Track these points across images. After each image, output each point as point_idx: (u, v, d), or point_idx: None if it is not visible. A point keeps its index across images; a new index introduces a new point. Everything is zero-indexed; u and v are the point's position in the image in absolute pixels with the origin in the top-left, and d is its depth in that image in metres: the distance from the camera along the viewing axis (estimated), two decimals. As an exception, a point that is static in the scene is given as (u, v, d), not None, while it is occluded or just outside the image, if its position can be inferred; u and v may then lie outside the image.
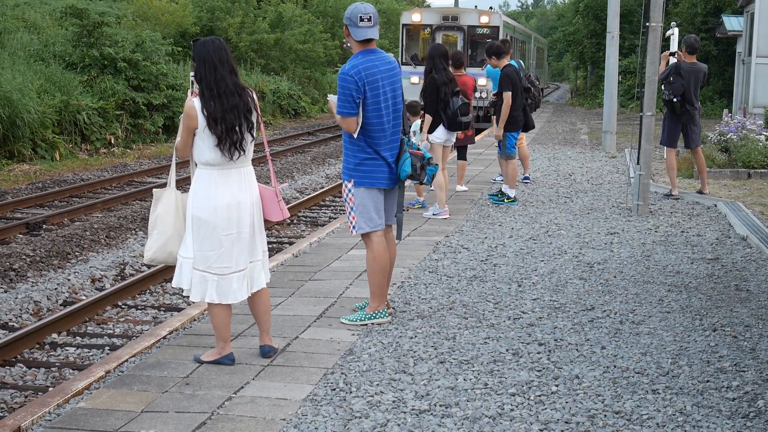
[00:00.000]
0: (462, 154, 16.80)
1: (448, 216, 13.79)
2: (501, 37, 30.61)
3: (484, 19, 32.96)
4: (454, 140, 14.46)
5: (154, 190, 7.28)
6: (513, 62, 16.79)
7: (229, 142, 6.81)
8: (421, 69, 19.99)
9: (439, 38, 32.86)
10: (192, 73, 6.94)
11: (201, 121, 6.78)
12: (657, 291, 9.49)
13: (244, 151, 6.92)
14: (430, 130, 13.75)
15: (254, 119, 7.01)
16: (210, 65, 6.81)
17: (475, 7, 35.55)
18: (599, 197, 16.14)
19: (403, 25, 34.11)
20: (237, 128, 6.84)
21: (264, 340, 7.39)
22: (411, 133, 13.91)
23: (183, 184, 15.82)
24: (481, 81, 28.34)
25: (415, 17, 33.65)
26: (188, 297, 7.17)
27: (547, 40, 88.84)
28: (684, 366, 7.12)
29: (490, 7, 35.71)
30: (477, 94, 29.13)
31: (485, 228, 13.01)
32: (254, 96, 7.06)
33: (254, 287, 7.17)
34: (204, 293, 6.97)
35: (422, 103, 14.05)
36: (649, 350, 7.52)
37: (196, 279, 6.97)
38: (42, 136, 24.30)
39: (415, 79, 29.40)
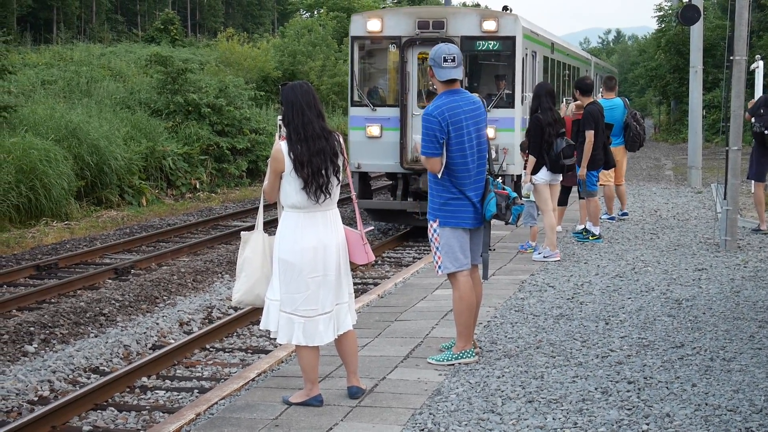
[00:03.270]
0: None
1: (559, 258, 13.41)
2: (519, 54, 19.08)
3: (489, 26, 18.98)
4: (561, 179, 13.77)
5: (242, 233, 7.35)
6: (618, 99, 16.58)
7: (315, 185, 6.86)
8: (384, 114, 18.62)
9: (413, 57, 19.09)
10: (280, 117, 7.02)
11: (288, 164, 6.85)
12: (747, 327, 9.34)
13: (330, 194, 6.97)
14: (535, 171, 13.27)
15: (340, 163, 7.05)
16: (298, 109, 6.89)
17: (477, 5, 21.68)
18: (686, 233, 15.95)
19: (354, 38, 19.73)
20: (323, 171, 6.89)
21: (351, 381, 7.41)
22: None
23: (270, 226, 15.95)
24: (490, 132, 17.20)
25: (373, 25, 19.33)
26: (275, 339, 7.22)
27: (630, 75, 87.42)
28: (778, 404, 7.00)
29: (504, 7, 21.15)
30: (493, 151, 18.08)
31: (570, 266, 12.92)
32: (340, 140, 7.12)
33: (340, 329, 7.18)
34: (291, 335, 7.01)
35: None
36: (741, 387, 7.40)
37: (283, 321, 7.01)
38: (129, 183, 24.72)
39: (375, 130, 18.91)
